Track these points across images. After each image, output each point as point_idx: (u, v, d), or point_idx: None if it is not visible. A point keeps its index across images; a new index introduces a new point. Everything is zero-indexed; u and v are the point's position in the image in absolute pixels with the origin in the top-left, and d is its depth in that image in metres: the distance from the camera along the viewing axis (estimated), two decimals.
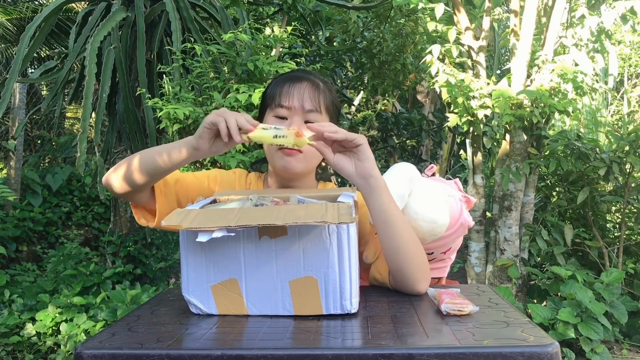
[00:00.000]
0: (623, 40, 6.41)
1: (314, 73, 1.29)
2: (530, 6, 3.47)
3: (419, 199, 1.20)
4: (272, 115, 1.21)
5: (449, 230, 1.23)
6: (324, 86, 1.24)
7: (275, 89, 1.21)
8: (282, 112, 1.19)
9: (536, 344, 0.73)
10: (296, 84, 1.20)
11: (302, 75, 1.24)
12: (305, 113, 1.19)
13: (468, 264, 3.81)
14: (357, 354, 0.73)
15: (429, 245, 1.26)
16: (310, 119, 1.19)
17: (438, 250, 1.32)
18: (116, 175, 1.12)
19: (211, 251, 0.90)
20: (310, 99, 1.20)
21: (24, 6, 6.30)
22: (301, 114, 1.19)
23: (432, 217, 1.20)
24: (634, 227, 3.72)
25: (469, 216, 1.28)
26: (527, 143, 3.58)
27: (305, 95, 1.19)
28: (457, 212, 1.24)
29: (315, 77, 1.26)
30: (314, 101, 1.20)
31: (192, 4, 3.78)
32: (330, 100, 1.24)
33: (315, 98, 1.20)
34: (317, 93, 1.21)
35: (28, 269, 4.32)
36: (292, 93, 1.19)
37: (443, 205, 1.23)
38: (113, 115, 3.93)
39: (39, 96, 6.79)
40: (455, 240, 1.31)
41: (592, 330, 2.86)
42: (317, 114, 1.20)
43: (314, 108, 1.20)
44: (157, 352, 0.73)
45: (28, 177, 4.89)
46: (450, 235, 1.25)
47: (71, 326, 2.80)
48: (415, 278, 1.04)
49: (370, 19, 5.32)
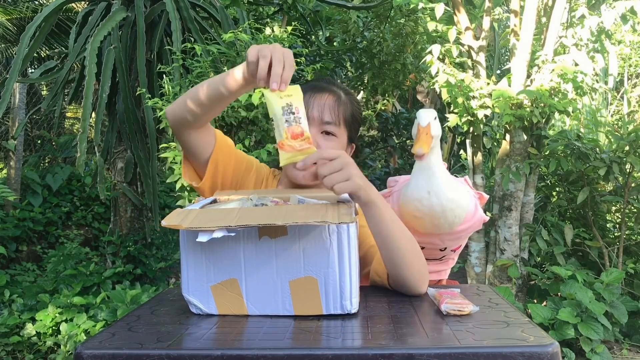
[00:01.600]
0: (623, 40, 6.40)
1: (338, 83, 1.29)
2: (530, 6, 3.47)
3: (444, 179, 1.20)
4: None
5: (465, 224, 1.24)
6: (345, 98, 1.23)
7: None
8: None
9: (536, 344, 0.73)
10: (317, 95, 1.20)
11: (325, 86, 1.23)
12: (323, 124, 1.19)
13: (468, 264, 3.80)
14: (357, 354, 0.73)
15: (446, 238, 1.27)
16: (327, 131, 1.19)
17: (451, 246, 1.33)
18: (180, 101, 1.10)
19: (211, 251, 0.90)
20: (330, 111, 1.19)
21: (24, 6, 6.29)
22: (319, 126, 1.19)
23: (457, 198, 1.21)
24: (634, 227, 3.72)
25: (482, 212, 1.30)
26: (527, 143, 3.58)
27: (325, 107, 1.19)
28: (473, 206, 1.25)
29: (339, 87, 1.25)
30: (333, 114, 1.19)
31: (192, 4, 3.78)
32: (350, 112, 1.23)
33: (335, 110, 1.20)
34: (337, 105, 1.20)
35: (28, 269, 4.33)
36: (312, 104, 1.19)
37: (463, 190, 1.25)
38: (113, 115, 3.93)
39: (39, 96, 6.78)
40: (469, 235, 1.33)
41: (592, 330, 2.86)
42: (334, 127, 1.20)
43: (333, 121, 1.19)
44: (157, 352, 0.73)
45: (28, 177, 4.88)
46: (466, 230, 1.26)
47: (71, 326, 2.79)
48: (416, 282, 1.03)
49: (370, 19, 5.32)
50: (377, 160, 6.38)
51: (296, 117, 0.94)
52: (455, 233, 1.26)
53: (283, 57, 0.94)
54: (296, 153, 0.93)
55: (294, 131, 0.93)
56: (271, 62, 0.93)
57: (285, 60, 0.94)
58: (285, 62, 0.93)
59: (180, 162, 2.70)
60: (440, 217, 1.21)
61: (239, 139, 2.76)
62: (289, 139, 0.93)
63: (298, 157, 0.93)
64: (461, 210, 1.22)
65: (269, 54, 0.93)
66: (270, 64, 0.93)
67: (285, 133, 0.93)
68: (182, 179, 2.70)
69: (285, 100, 0.94)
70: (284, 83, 0.93)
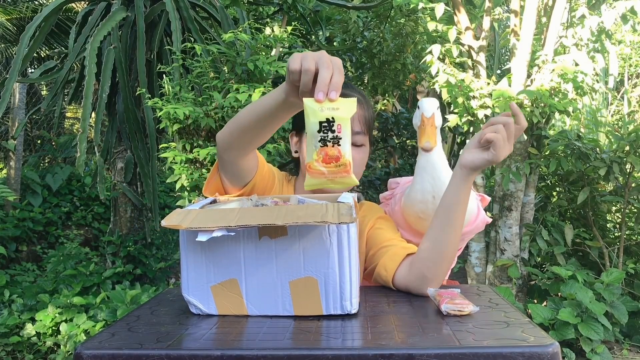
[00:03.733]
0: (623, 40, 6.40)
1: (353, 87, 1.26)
2: (531, 6, 3.47)
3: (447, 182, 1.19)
4: None
5: (468, 227, 1.24)
6: (364, 101, 1.21)
7: None
8: None
9: (536, 344, 0.73)
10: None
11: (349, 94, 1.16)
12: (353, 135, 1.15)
13: (468, 264, 3.80)
14: (357, 354, 0.73)
15: None
16: (355, 142, 1.16)
17: None
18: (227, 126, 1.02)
19: (211, 251, 0.90)
20: (359, 120, 1.17)
21: (24, 6, 6.29)
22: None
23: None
24: (635, 227, 3.72)
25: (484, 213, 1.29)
26: (527, 143, 3.58)
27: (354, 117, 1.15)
28: (475, 207, 1.25)
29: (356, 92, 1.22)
30: (361, 123, 1.18)
31: (192, 4, 3.77)
32: (370, 116, 1.22)
33: (362, 119, 1.18)
34: (362, 112, 1.18)
35: (28, 269, 4.33)
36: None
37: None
38: (113, 115, 3.93)
39: (39, 96, 6.79)
40: (472, 236, 1.33)
41: (593, 330, 2.86)
42: (362, 136, 1.18)
43: (361, 130, 1.18)
44: (157, 352, 0.73)
45: (28, 177, 4.88)
46: (470, 232, 1.26)
47: (71, 326, 2.79)
48: (437, 279, 1.03)
49: (370, 18, 5.32)
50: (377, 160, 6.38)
51: (336, 137, 0.78)
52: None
53: (331, 62, 0.80)
54: (325, 180, 0.80)
55: (327, 153, 0.78)
56: (317, 69, 0.80)
57: (334, 66, 0.80)
58: (334, 68, 0.79)
59: (181, 162, 2.70)
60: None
61: None
62: (319, 162, 0.79)
63: (327, 185, 0.81)
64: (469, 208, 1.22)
65: (314, 61, 0.80)
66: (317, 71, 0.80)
67: (316, 154, 0.79)
68: (182, 179, 2.70)
69: (327, 114, 0.77)
70: (334, 91, 0.78)
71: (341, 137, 0.78)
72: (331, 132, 0.77)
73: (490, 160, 0.99)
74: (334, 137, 0.77)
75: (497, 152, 0.97)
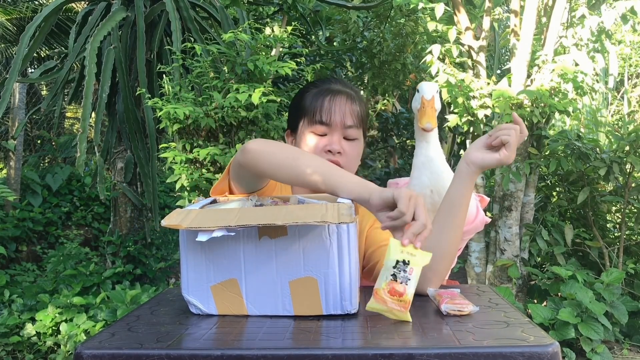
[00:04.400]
0: (623, 40, 6.40)
1: (346, 82, 1.27)
2: (530, 6, 3.47)
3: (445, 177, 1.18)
4: (310, 131, 1.19)
5: (468, 226, 1.24)
6: (356, 97, 1.23)
7: (314, 103, 1.18)
8: (321, 130, 1.18)
9: (536, 344, 0.73)
10: (336, 99, 1.18)
11: (341, 89, 1.21)
12: (345, 129, 1.18)
13: (468, 264, 3.80)
14: (357, 354, 0.73)
15: None
16: (348, 135, 1.19)
17: None
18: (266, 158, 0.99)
19: (211, 251, 0.90)
20: (351, 114, 1.19)
21: (24, 6, 6.29)
22: (341, 130, 1.18)
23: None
24: (634, 227, 3.72)
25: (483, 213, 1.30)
26: (527, 143, 3.58)
27: (347, 111, 1.18)
28: (474, 208, 1.25)
29: (349, 87, 1.24)
30: (354, 117, 1.19)
31: (192, 4, 3.77)
32: (364, 111, 1.23)
33: (354, 113, 1.19)
34: (354, 107, 1.20)
35: (28, 269, 4.32)
36: (333, 109, 1.17)
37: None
38: (113, 115, 3.93)
39: (39, 96, 6.78)
40: (471, 236, 1.33)
41: (593, 330, 2.86)
42: (355, 130, 1.20)
43: (354, 124, 1.19)
44: (157, 352, 0.73)
45: (28, 177, 4.88)
46: (469, 231, 1.26)
47: (71, 326, 2.80)
48: (438, 276, 1.04)
49: (370, 19, 5.32)
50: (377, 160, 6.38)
51: (406, 277, 0.88)
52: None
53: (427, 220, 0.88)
54: (385, 309, 0.88)
55: (394, 287, 0.87)
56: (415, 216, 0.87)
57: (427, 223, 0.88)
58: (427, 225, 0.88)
59: (181, 162, 2.70)
60: None
61: (239, 139, 2.76)
62: (385, 291, 0.87)
63: (385, 313, 0.88)
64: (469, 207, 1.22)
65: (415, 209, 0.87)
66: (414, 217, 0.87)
67: (386, 284, 0.88)
68: (181, 179, 2.70)
69: (405, 256, 0.88)
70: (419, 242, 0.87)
71: (410, 279, 0.88)
72: (404, 272, 0.88)
73: (502, 161, 1.03)
74: (404, 277, 0.88)
75: (511, 153, 1.02)
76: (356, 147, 1.22)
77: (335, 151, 1.17)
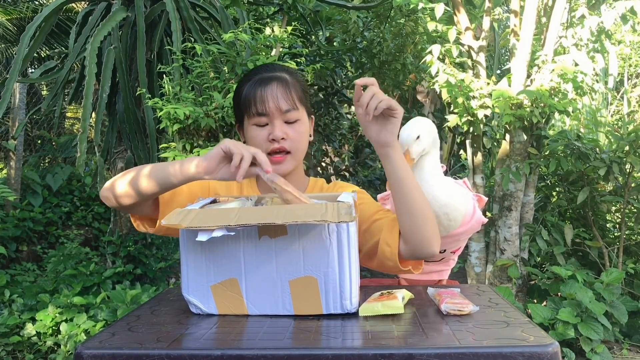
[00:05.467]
0: (623, 40, 6.40)
1: (278, 66, 1.28)
2: (530, 6, 3.47)
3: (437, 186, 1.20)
4: (252, 124, 1.21)
5: (463, 227, 1.24)
6: (291, 79, 1.23)
7: (249, 96, 1.20)
8: (262, 120, 1.20)
9: (536, 344, 0.73)
10: (267, 87, 1.19)
11: (271, 76, 1.22)
12: (284, 114, 1.19)
13: (468, 264, 3.80)
14: (357, 354, 0.73)
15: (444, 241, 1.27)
16: (289, 119, 1.20)
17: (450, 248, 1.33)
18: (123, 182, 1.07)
19: (211, 251, 0.90)
20: (284, 99, 1.19)
21: (24, 6, 6.29)
22: (280, 116, 1.19)
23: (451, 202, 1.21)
24: (634, 227, 3.72)
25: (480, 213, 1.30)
26: (527, 143, 3.58)
27: (279, 96, 1.19)
28: (471, 208, 1.25)
29: (281, 71, 1.25)
30: (288, 101, 1.20)
31: (192, 4, 3.77)
32: (301, 91, 1.24)
33: (288, 96, 1.20)
34: (288, 90, 1.20)
35: (28, 269, 4.32)
36: (266, 98, 1.18)
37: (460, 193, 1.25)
38: (113, 115, 3.93)
39: (39, 96, 6.78)
40: (468, 237, 1.34)
41: (592, 330, 2.86)
42: (294, 112, 1.21)
43: (291, 107, 1.20)
44: (157, 352, 0.73)
45: (28, 177, 4.88)
46: (465, 232, 1.27)
47: (71, 326, 2.79)
48: (430, 238, 1.05)
49: (370, 19, 5.32)
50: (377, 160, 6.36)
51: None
52: (453, 236, 1.26)
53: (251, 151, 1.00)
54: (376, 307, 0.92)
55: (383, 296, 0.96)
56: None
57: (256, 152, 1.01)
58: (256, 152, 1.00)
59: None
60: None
61: (238, 139, 2.76)
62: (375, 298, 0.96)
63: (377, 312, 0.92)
64: (457, 213, 1.22)
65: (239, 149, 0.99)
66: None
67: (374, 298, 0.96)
68: None
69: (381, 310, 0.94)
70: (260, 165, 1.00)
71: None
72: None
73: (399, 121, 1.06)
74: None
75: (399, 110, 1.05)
76: (300, 128, 1.23)
77: (279, 138, 1.19)
